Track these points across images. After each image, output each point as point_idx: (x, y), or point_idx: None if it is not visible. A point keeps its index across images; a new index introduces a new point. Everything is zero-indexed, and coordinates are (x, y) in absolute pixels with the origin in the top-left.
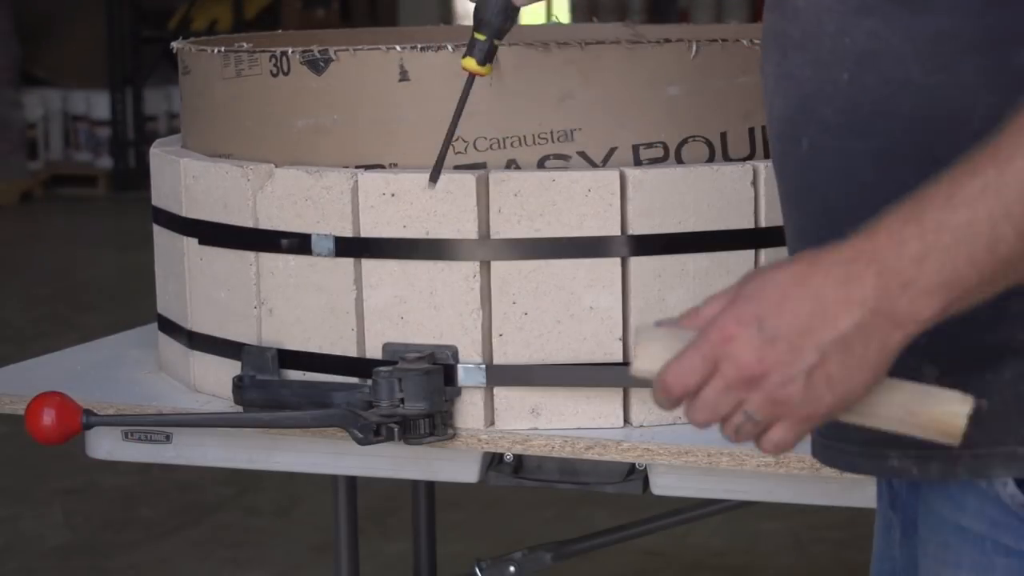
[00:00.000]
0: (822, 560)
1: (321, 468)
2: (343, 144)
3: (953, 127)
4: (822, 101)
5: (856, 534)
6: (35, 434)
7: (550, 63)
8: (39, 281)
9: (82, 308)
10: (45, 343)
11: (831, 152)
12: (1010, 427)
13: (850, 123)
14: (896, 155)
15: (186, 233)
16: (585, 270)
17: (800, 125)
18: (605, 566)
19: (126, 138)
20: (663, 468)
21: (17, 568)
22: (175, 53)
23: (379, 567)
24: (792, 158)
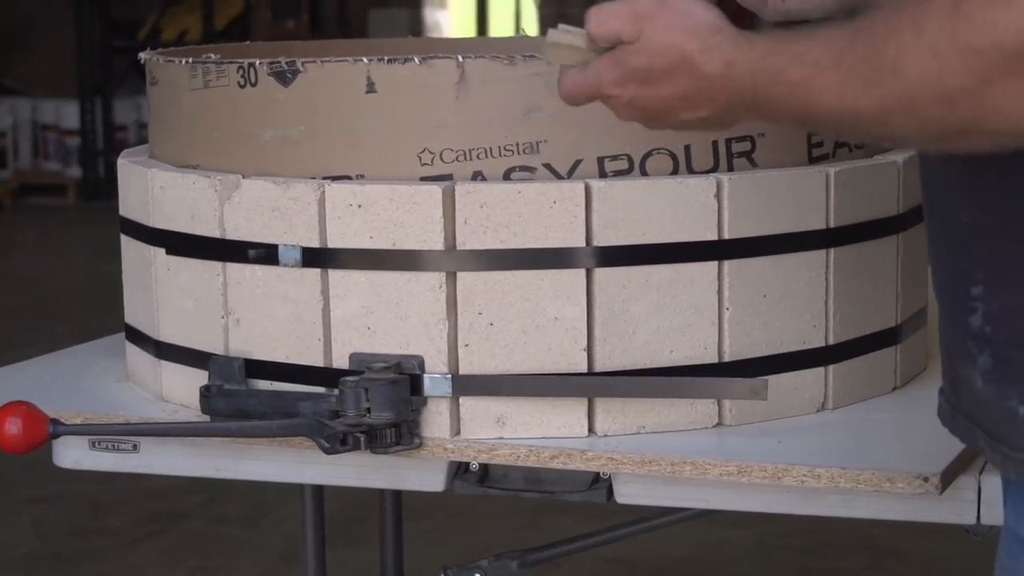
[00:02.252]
0: (785, 566)
1: (288, 477)
2: (310, 155)
3: None
4: None
5: (818, 541)
6: (2, 444)
7: (516, 76)
8: (8, 290)
9: (52, 317)
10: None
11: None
12: None
13: None
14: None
15: (154, 243)
16: (550, 281)
17: None
18: (571, 573)
19: (95, 147)
20: (627, 477)
21: None
22: (143, 64)
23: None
24: None
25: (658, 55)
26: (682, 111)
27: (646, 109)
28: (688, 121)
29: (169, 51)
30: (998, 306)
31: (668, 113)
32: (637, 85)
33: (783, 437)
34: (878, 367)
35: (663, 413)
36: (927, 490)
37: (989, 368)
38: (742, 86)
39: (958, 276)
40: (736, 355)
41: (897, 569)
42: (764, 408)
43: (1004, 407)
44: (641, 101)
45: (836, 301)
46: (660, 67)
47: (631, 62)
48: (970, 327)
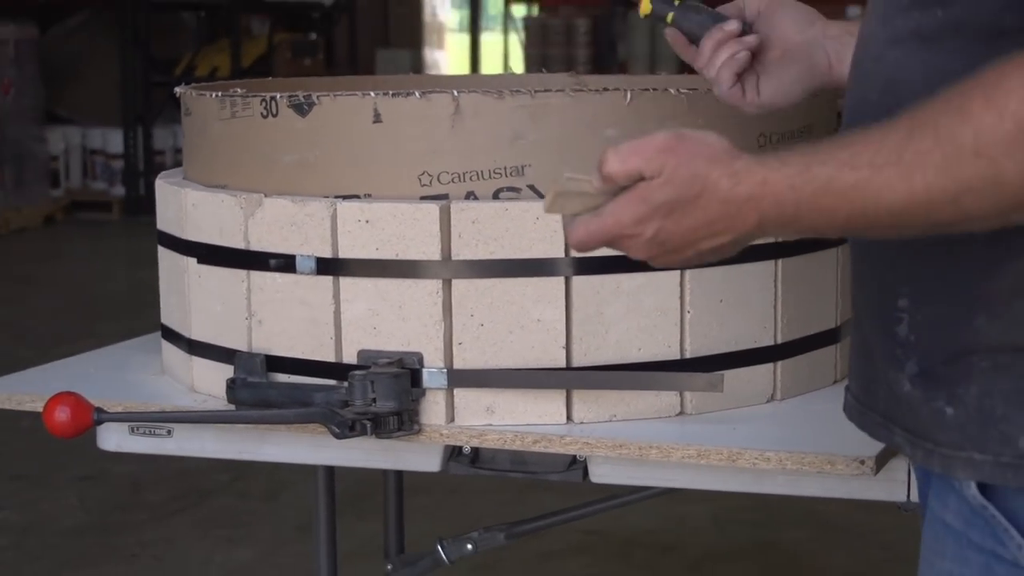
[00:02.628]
0: (738, 538)
1: (303, 459)
2: (324, 177)
3: None
4: (859, 114)
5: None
6: (52, 429)
7: (504, 108)
8: (60, 294)
9: (97, 318)
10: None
11: None
12: (970, 435)
13: None
14: None
15: (187, 254)
16: (533, 287)
17: (848, 126)
18: (552, 543)
19: (137, 169)
20: (600, 459)
21: (37, 545)
22: (179, 97)
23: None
24: None
25: (684, 185)
26: (703, 240)
27: (666, 243)
28: (704, 251)
29: (201, 86)
30: (922, 317)
31: (688, 245)
32: (661, 219)
33: (737, 425)
34: (820, 363)
35: (632, 403)
36: (863, 471)
37: (916, 373)
38: (781, 201)
39: (885, 289)
40: (696, 352)
41: (837, 540)
42: (721, 399)
43: (932, 408)
44: (664, 235)
45: (783, 305)
46: (687, 197)
47: (656, 197)
48: (897, 336)
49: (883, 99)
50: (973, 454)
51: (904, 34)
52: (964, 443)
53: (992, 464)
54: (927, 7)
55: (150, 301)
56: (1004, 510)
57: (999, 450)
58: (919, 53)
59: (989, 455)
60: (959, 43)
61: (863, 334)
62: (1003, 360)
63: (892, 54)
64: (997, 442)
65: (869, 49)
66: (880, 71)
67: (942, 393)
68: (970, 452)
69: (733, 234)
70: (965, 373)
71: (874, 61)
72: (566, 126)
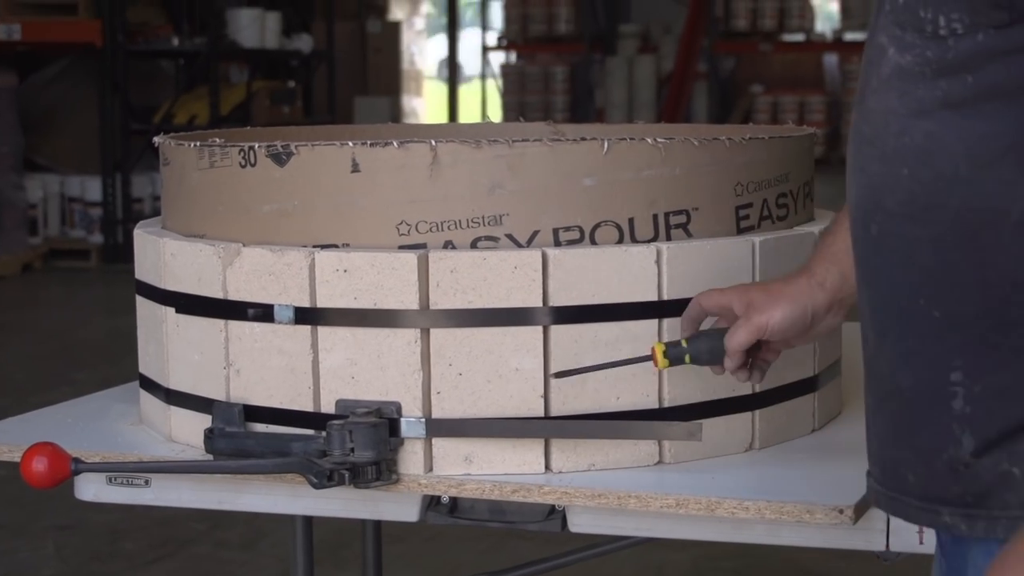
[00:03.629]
0: None
1: (281, 508)
2: (302, 226)
3: (995, 217)
4: (887, 192)
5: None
6: (29, 480)
7: (482, 157)
8: (37, 342)
9: (75, 366)
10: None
11: (895, 238)
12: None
13: (910, 213)
14: (948, 242)
15: (165, 303)
16: (512, 337)
17: (869, 212)
18: None
19: (115, 217)
20: (579, 509)
21: None
22: (157, 146)
23: None
24: (863, 242)
25: None
26: None
27: None
28: None
29: (179, 135)
30: (980, 388)
31: None
32: None
33: (716, 474)
34: (798, 412)
35: (611, 452)
36: (842, 520)
37: (974, 445)
38: None
39: (935, 365)
40: (674, 401)
41: None
42: (699, 448)
43: (998, 472)
44: None
45: None
46: None
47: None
48: (952, 410)
49: (918, 173)
50: None
51: (931, 104)
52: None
53: None
54: (956, 74)
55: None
56: None
57: None
58: (953, 120)
59: None
60: (995, 106)
61: (892, 416)
62: None
63: (921, 126)
64: None
65: (889, 125)
66: (909, 145)
67: (1005, 456)
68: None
69: None
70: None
71: (897, 136)
72: (544, 175)
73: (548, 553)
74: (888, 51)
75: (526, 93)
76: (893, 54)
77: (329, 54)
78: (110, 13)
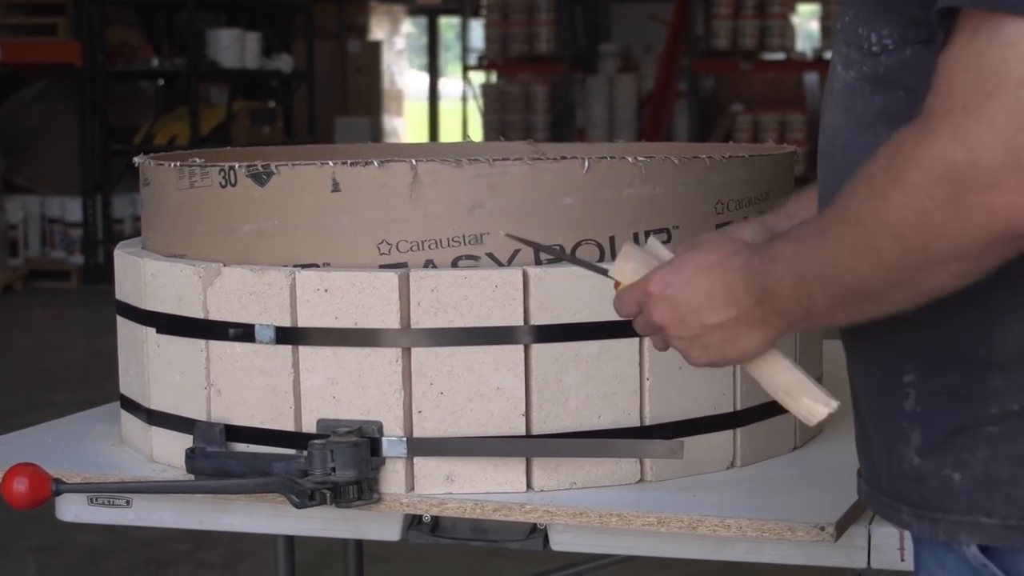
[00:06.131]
0: None
1: (263, 528)
2: (283, 246)
3: None
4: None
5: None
6: (10, 500)
7: (462, 177)
8: (18, 364)
9: (55, 387)
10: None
11: None
12: (977, 500)
13: None
14: None
15: (145, 323)
16: (493, 355)
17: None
18: None
19: (96, 238)
20: (561, 527)
21: None
22: (137, 167)
23: None
24: None
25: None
26: (706, 311)
27: (677, 306)
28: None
29: (160, 156)
30: (932, 389)
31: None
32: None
33: (697, 491)
34: (779, 430)
35: (592, 471)
36: (823, 538)
37: (921, 444)
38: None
39: (888, 368)
40: (655, 420)
41: None
42: (680, 466)
43: (940, 476)
44: (671, 292)
45: (742, 372)
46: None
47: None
48: (904, 410)
49: None
50: (979, 518)
51: (870, 119)
52: (971, 508)
53: (999, 527)
54: (890, 89)
55: (108, 370)
56: (1005, 568)
57: (1006, 513)
58: (889, 134)
59: (996, 518)
60: None
61: (863, 419)
62: (1011, 425)
63: (861, 140)
64: (1004, 505)
65: (836, 139)
66: (851, 158)
67: (949, 460)
68: (976, 516)
69: (732, 308)
70: (972, 439)
71: (843, 150)
72: (524, 194)
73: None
74: (837, 68)
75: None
76: (840, 71)
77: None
78: (89, 34)
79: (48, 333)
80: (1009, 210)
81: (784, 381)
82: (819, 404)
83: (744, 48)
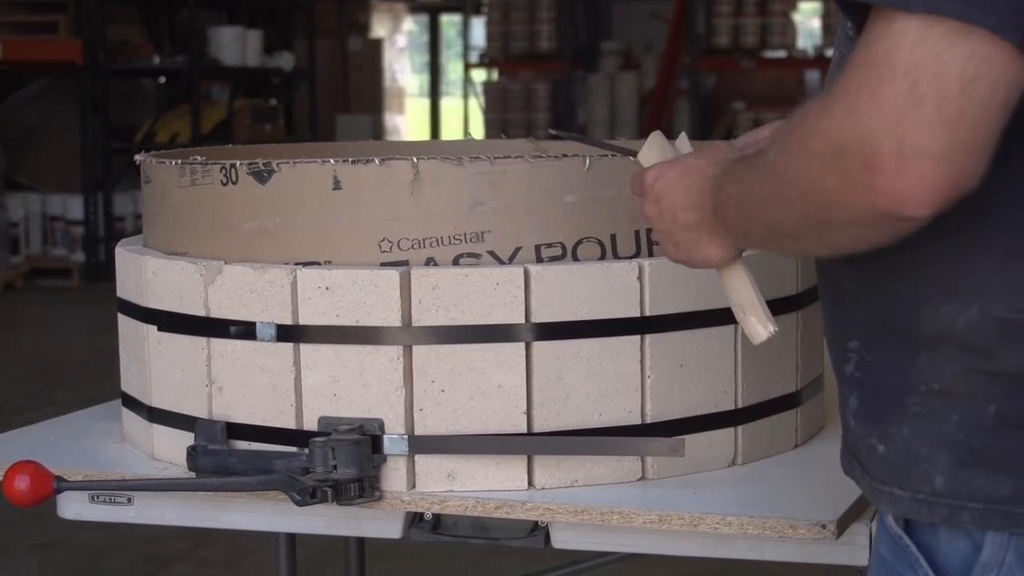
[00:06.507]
0: None
1: (264, 526)
2: (284, 244)
3: None
4: None
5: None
6: (11, 498)
7: (463, 175)
8: (19, 361)
9: (56, 385)
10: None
11: None
12: (896, 472)
13: None
14: None
15: (147, 321)
16: (494, 353)
17: None
18: None
19: (97, 236)
20: (562, 525)
21: None
22: (138, 164)
23: None
24: None
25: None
26: (679, 211)
27: (660, 200)
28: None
29: (161, 153)
30: (872, 358)
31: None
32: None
33: (699, 489)
34: (781, 428)
35: (593, 468)
36: (825, 536)
37: (856, 408)
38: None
39: (840, 331)
40: (657, 417)
41: None
42: (682, 464)
43: (867, 444)
44: (660, 185)
45: (744, 370)
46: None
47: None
48: (845, 373)
49: None
50: (895, 490)
51: None
52: (889, 479)
53: (911, 500)
54: None
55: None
56: (918, 543)
57: (918, 487)
58: None
59: (909, 492)
60: None
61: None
62: (933, 404)
63: None
64: (918, 480)
65: None
66: None
67: (876, 431)
68: (893, 488)
69: (697, 212)
70: (900, 414)
71: None
72: (525, 192)
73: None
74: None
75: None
76: (834, 54)
77: (310, 72)
78: (90, 32)
79: (49, 331)
80: (891, 193)
81: (741, 296)
82: (760, 326)
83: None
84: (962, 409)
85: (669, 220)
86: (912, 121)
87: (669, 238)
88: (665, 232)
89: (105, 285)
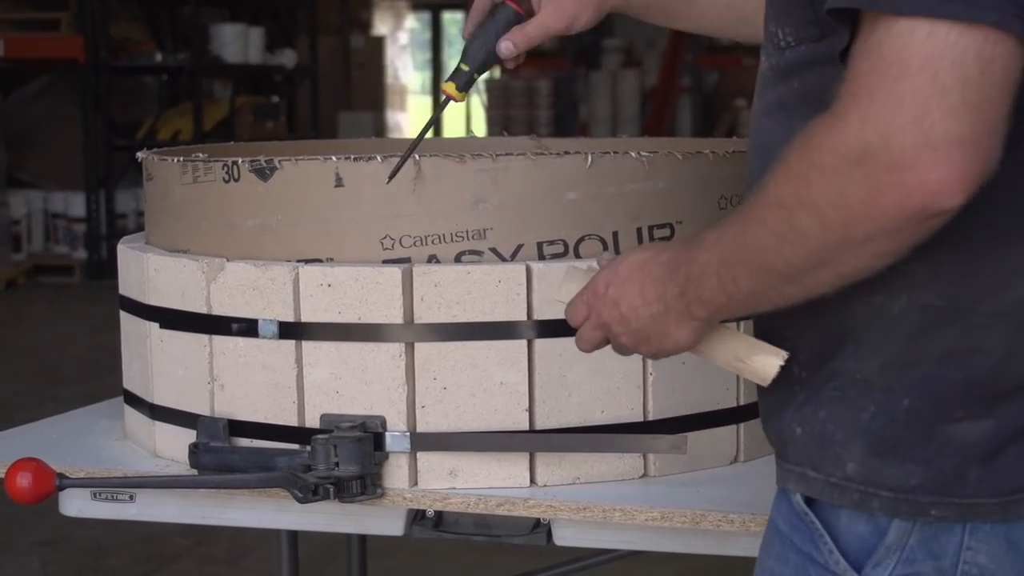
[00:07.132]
0: None
1: (266, 523)
2: (286, 241)
3: None
4: (751, 182)
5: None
6: (13, 495)
7: (466, 172)
8: (21, 359)
9: (59, 382)
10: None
11: None
12: (808, 454)
13: None
14: None
15: (149, 318)
16: (496, 351)
17: (744, 194)
18: None
19: (99, 233)
20: (564, 522)
21: None
22: (141, 162)
23: None
24: None
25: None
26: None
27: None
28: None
29: (163, 151)
30: (801, 345)
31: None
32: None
33: (701, 487)
34: None
35: (595, 466)
36: None
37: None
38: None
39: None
40: (659, 414)
41: None
42: (684, 461)
43: (787, 425)
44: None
45: None
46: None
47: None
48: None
49: (760, 165)
50: (808, 471)
51: (773, 105)
52: (802, 460)
53: (823, 483)
54: (787, 79)
55: (112, 365)
56: (823, 520)
57: (830, 471)
58: (784, 121)
59: (822, 474)
60: (810, 107)
61: None
62: (852, 392)
63: (766, 124)
64: (831, 464)
65: (751, 124)
66: (758, 141)
67: (796, 415)
68: (805, 469)
69: (659, 303)
70: (817, 398)
71: (755, 133)
72: (527, 190)
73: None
74: (761, 60)
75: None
76: (762, 63)
77: (312, 69)
78: (92, 29)
79: (51, 328)
80: (925, 188)
81: (733, 349)
82: (771, 357)
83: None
84: (879, 400)
85: (633, 320)
86: (938, 111)
87: (638, 338)
88: (632, 332)
89: (107, 282)
